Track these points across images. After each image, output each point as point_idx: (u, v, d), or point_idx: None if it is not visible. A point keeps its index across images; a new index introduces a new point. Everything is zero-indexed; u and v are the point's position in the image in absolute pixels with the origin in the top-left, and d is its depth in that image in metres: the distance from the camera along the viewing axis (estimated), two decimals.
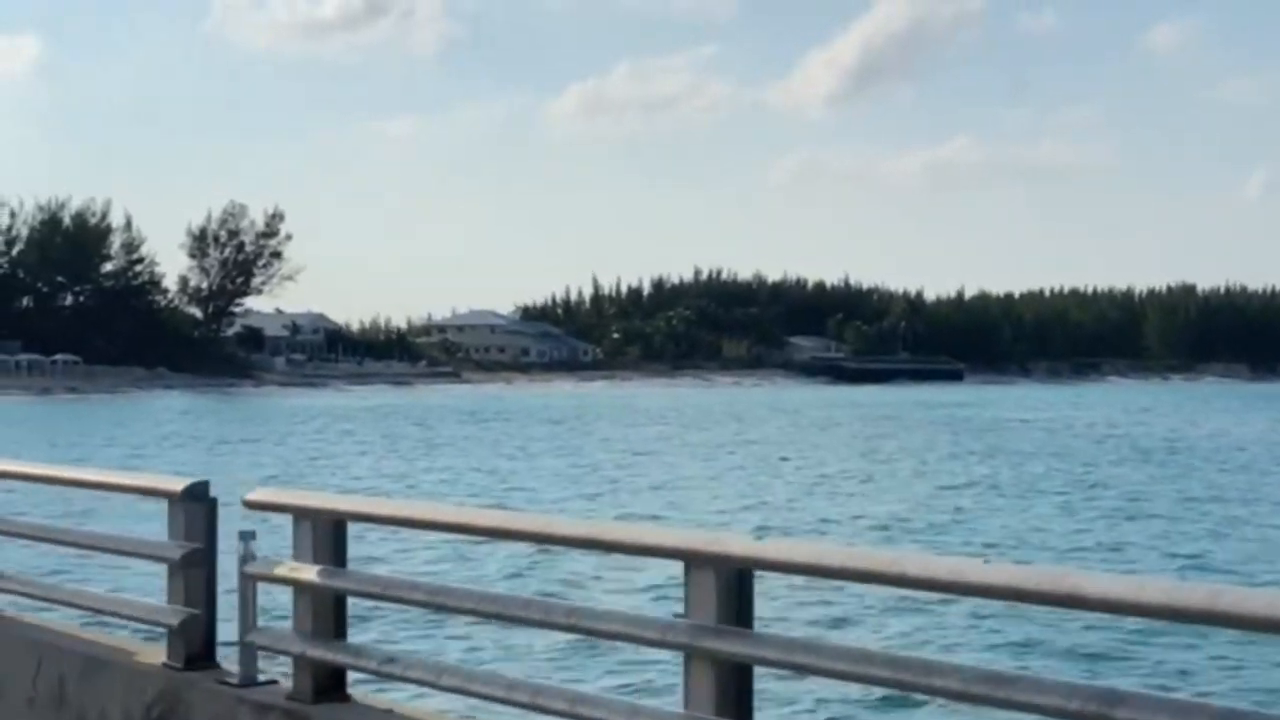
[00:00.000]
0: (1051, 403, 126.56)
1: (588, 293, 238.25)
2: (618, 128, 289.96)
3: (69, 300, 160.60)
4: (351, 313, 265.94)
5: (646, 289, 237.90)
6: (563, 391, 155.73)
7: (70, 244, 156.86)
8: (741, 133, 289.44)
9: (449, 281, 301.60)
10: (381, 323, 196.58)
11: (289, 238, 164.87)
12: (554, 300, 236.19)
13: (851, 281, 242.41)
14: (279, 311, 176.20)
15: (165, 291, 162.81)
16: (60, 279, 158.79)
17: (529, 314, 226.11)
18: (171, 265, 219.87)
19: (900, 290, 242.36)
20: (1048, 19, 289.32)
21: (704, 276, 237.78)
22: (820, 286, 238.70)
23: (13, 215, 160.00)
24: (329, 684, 6.73)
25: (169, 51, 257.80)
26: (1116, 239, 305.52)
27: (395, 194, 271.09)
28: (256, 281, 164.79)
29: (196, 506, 7.25)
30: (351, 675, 6.80)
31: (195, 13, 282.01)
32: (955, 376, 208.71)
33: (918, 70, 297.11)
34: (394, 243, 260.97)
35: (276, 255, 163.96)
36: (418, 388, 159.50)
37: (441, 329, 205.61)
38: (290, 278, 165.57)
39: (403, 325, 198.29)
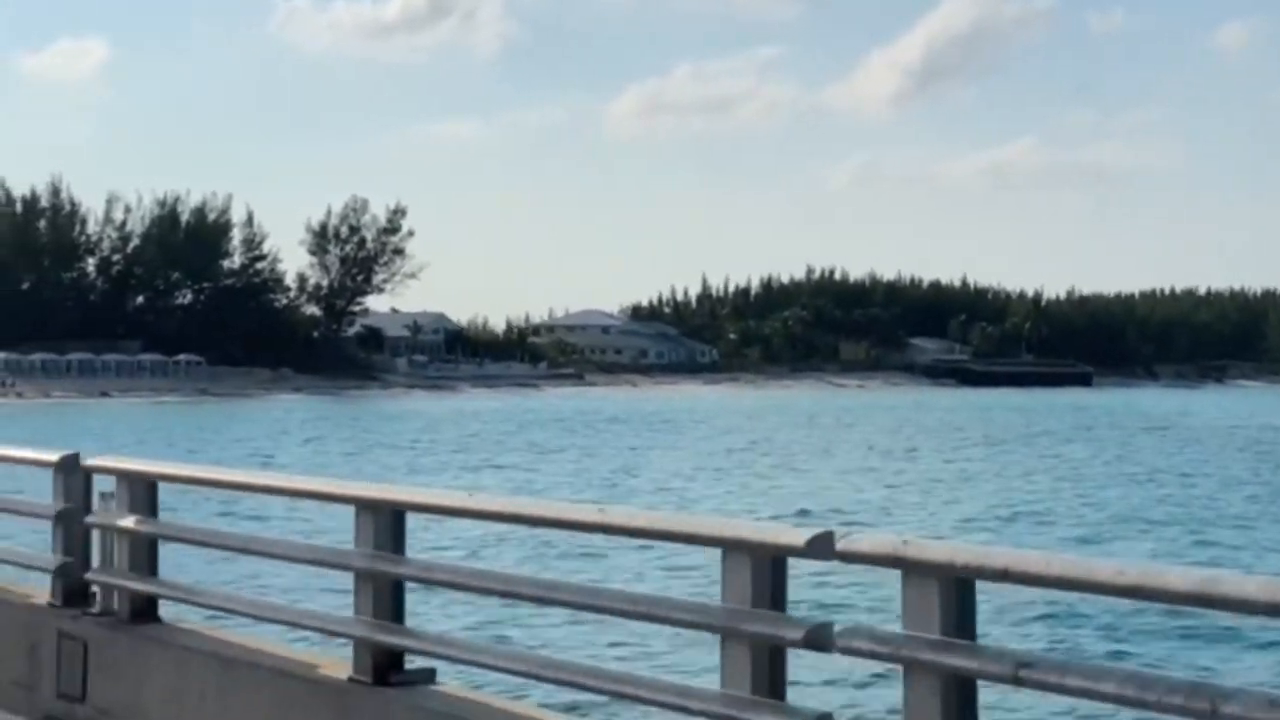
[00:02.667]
0: (1227, 408, 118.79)
1: (694, 292, 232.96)
2: (678, 129, 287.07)
3: (187, 298, 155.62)
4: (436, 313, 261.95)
5: (755, 288, 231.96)
6: (697, 395, 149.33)
7: (190, 240, 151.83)
8: (803, 134, 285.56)
9: (529, 281, 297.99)
10: (480, 322, 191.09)
11: (411, 234, 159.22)
12: (661, 300, 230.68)
13: (969, 281, 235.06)
14: (394, 311, 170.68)
15: (287, 290, 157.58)
16: (178, 276, 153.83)
17: (638, 314, 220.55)
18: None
19: (1017, 290, 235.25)
20: (1116, 17, 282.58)
21: (816, 276, 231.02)
22: (938, 286, 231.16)
23: (127, 210, 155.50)
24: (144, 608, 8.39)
25: (232, 53, 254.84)
26: (1182, 240, 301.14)
27: (458, 196, 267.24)
28: (378, 279, 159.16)
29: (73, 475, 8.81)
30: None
31: (258, 15, 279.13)
32: (1083, 380, 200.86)
33: (981, 70, 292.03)
34: (463, 244, 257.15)
35: (399, 252, 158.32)
36: (545, 390, 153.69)
37: (551, 329, 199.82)
38: (413, 275, 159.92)
39: (499, 326, 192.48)
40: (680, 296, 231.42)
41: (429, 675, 6.83)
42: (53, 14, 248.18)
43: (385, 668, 6.77)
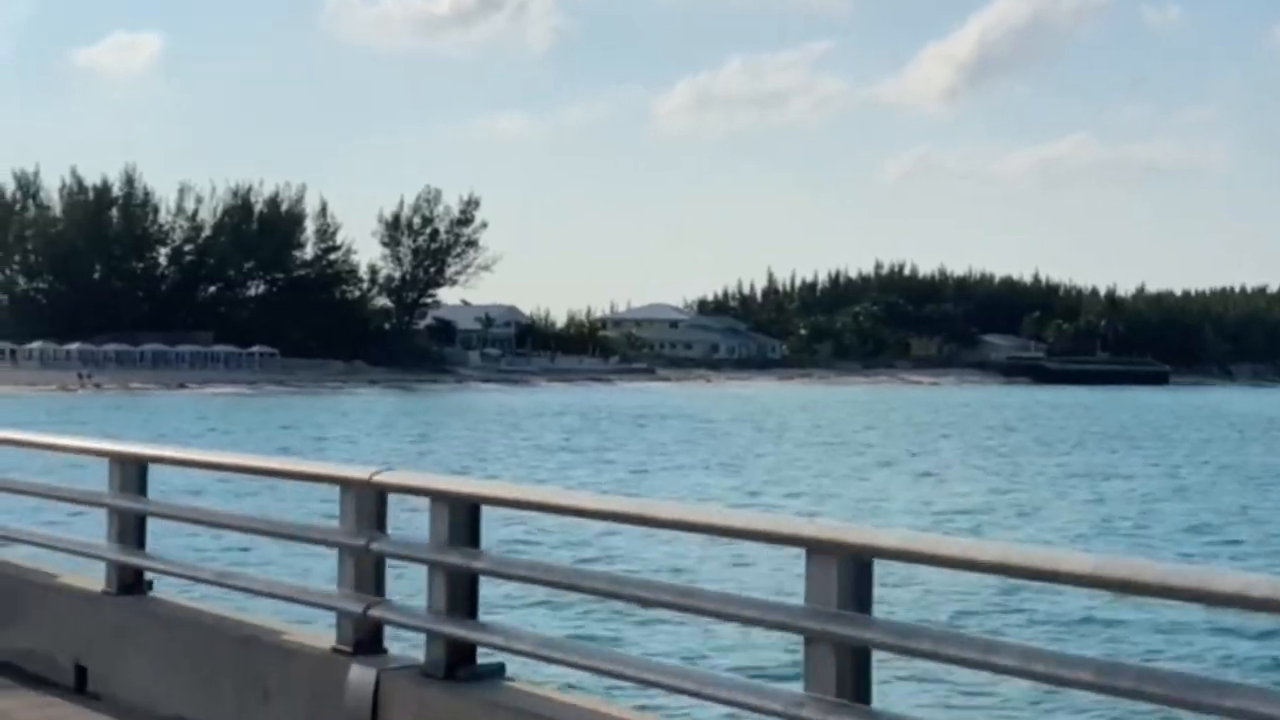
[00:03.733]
0: None
1: (760, 285, 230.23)
2: (729, 124, 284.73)
3: (259, 289, 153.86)
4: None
5: (823, 283, 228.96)
6: (773, 391, 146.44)
7: (263, 230, 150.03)
8: (854, 129, 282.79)
9: (587, 275, 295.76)
10: (542, 315, 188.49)
11: (484, 225, 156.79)
12: (726, 294, 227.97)
13: (1042, 277, 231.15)
14: (465, 304, 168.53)
15: (360, 281, 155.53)
16: (250, 266, 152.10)
17: (703, 308, 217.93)
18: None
19: (1089, 287, 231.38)
20: (1172, 13, 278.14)
21: (884, 271, 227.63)
22: (1009, 282, 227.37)
23: (199, 200, 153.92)
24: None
25: (282, 48, 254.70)
26: (1242, 238, 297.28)
27: (509, 190, 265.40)
28: (450, 271, 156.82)
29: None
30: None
31: (308, 9, 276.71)
32: (1160, 379, 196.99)
33: (1034, 65, 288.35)
34: (518, 238, 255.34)
35: (472, 244, 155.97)
36: (619, 385, 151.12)
37: (616, 323, 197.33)
38: (487, 268, 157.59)
39: (560, 319, 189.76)
40: (746, 290, 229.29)
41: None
42: (107, 8, 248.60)
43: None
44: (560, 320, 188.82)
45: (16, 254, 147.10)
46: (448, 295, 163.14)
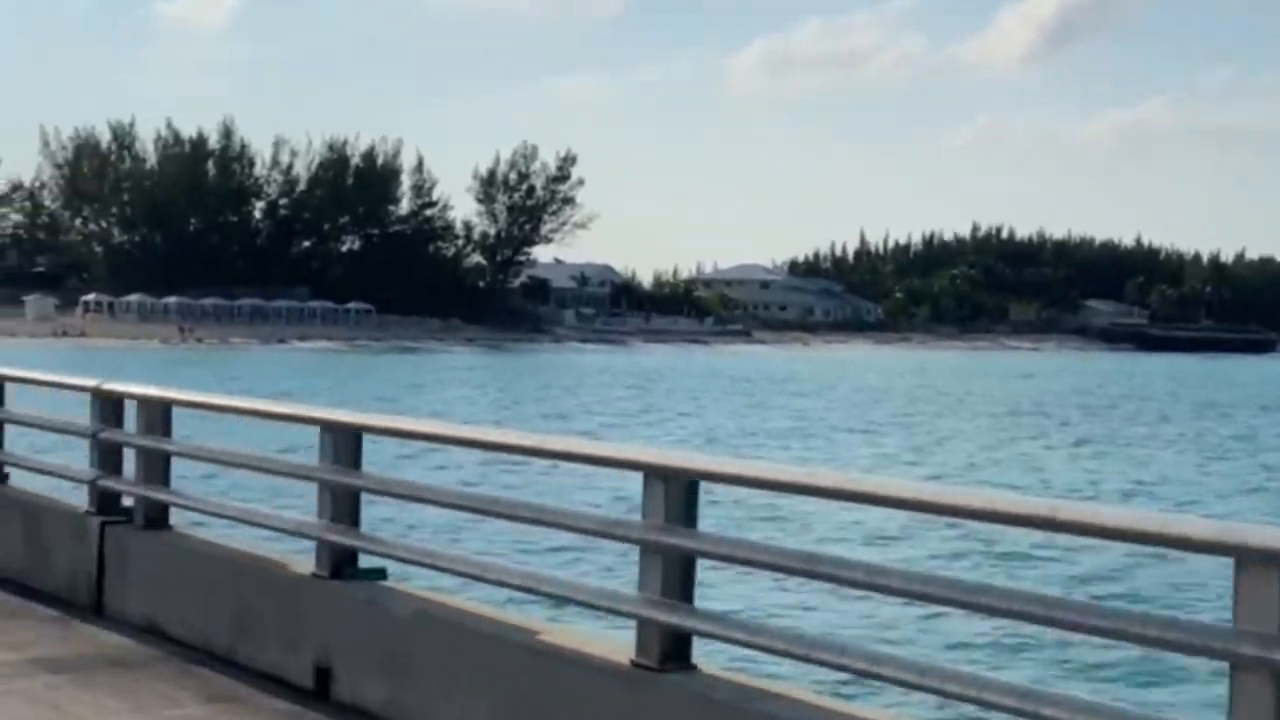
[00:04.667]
0: None
1: (851, 247, 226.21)
2: (805, 84, 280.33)
3: (355, 245, 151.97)
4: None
5: (917, 245, 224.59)
6: (875, 356, 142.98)
7: (359, 184, 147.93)
8: (931, 91, 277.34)
9: (670, 235, 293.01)
10: (629, 274, 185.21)
11: (581, 182, 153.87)
12: (819, 255, 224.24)
13: (1144, 241, 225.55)
14: (558, 262, 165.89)
15: (456, 238, 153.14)
16: (345, 221, 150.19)
17: (794, 269, 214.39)
18: None
19: (1192, 252, 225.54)
20: None
21: (981, 233, 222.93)
22: (1110, 246, 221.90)
23: (293, 154, 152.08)
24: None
25: (356, 5, 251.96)
26: None
27: (587, 149, 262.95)
28: (546, 229, 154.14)
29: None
30: None
31: None
32: (1265, 347, 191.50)
33: (1116, 27, 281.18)
34: (599, 197, 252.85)
35: (568, 201, 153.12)
36: (715, 346, 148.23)
37: (707, 283, 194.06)
38: (583, 225, 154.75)
39: (646, 279, 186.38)
40: (838, 252, 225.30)
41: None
42: None
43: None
44: (646, 280, 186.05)
45: (113, 206, 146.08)
46: (540, 254, 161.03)
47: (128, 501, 9.52)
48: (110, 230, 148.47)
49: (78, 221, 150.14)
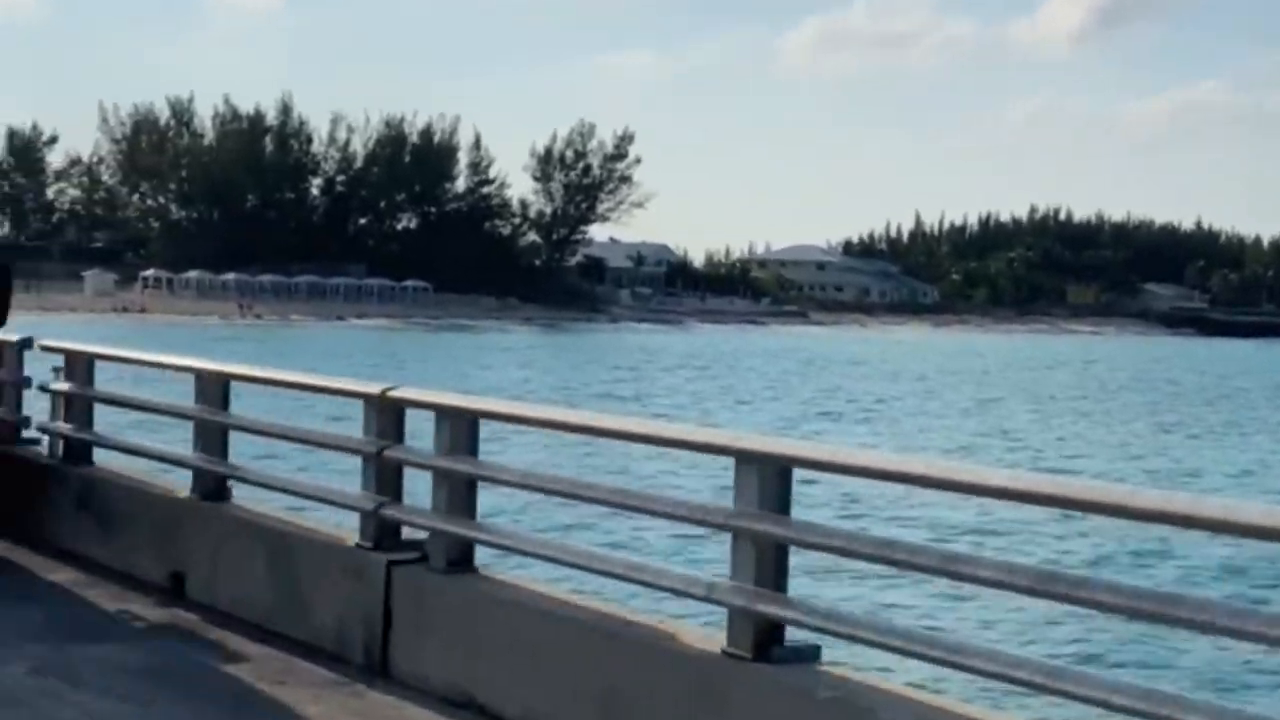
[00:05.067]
0: None
1: (906, 228, 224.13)
2: (855, 63, 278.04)
3: (412, 222, 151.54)
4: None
5: (972, 227, 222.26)
6: (933, 339, 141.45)
7: (417, 161, 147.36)
8: (980, 72, 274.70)
9: (723, 215, 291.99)
10: (681, 254, 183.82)
11: (638, 161, 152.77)
12: (873, 236, 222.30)
13: (1204, 224, 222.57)
14: (613, 241, 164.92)
15: (513, 216, 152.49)
16: (401, 198, 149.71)
17: (849, 250, 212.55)
18: None
19: (1253, 236, 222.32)
20: None
21: (1038, 215, 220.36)
22: (1170, 229, 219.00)
23: (350, 130, 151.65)
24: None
25: None
26: None
27: (636, 127, 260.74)
28: (603, 208, 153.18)
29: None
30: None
31: None
32: None
33: (1167, 9, 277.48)
34: (650, 176, 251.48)
35: (625, 180, 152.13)
36: (773, 327, 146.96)
37: (761, 264, 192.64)
38: (640, 204, 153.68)
39: (698, 259, 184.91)
40: (893, 233, 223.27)
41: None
42: None
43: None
44: (698, 260, 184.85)
45: (171, 182, 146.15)
46: (595, 233, 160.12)
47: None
48: (168, 206, 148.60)
49: (135, 197, 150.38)
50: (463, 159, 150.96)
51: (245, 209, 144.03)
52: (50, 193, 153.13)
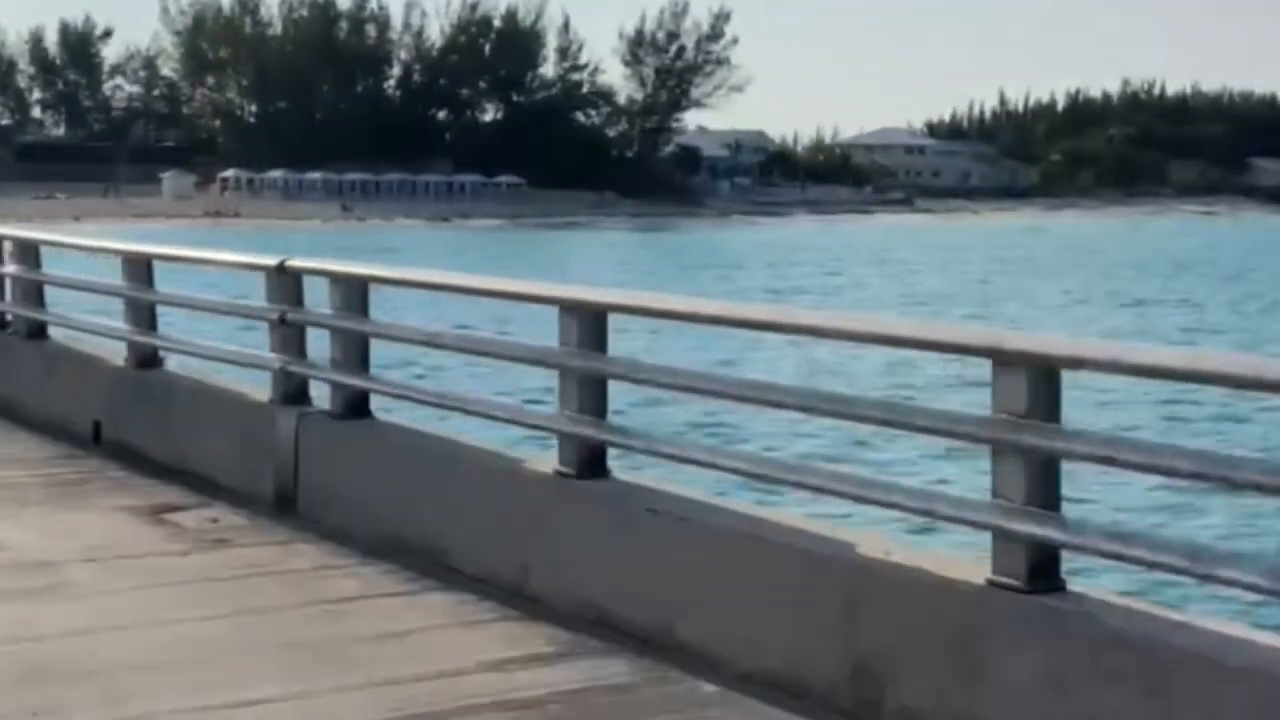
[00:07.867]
0: None
1: (990, 106, 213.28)
2: None
3: (499, 114, 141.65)
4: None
5: (1061, 104, 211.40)
6: (1068, 224, 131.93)
7: (501, 47, 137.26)
8: None
9: (788, 98, 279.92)
10: (779, 140, 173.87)
11: (735, 41, 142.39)
12: (954, 116, 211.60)
13: None
14: (702, 130, 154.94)
15: (606, 105, 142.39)
16: (484, 88, 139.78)
17: (934, 131, 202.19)
18: None
19: None
20: None
21: (1130, 89, 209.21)
22: (1272, 100, 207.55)
23: (424, 15, 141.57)
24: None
25: None
26: None
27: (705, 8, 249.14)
28: (698, 93, 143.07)
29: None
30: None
31: None
32: None
33: None
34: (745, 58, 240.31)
35: (722, 62, 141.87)
36: (880, 217, 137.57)
37: (847, 149, 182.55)
38: (739, 89, 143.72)
39: (782, 143, 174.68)
40: (975, 112, 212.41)
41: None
42: None
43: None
44: (796, 147, 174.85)
45: (240, 76, 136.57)
46: (688, 121, 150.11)
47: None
48: (235, 102, 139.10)
49: (199, 94, 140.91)
50: (550, 43, 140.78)
51: (317, 102, 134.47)
52: (106, 89, 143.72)
